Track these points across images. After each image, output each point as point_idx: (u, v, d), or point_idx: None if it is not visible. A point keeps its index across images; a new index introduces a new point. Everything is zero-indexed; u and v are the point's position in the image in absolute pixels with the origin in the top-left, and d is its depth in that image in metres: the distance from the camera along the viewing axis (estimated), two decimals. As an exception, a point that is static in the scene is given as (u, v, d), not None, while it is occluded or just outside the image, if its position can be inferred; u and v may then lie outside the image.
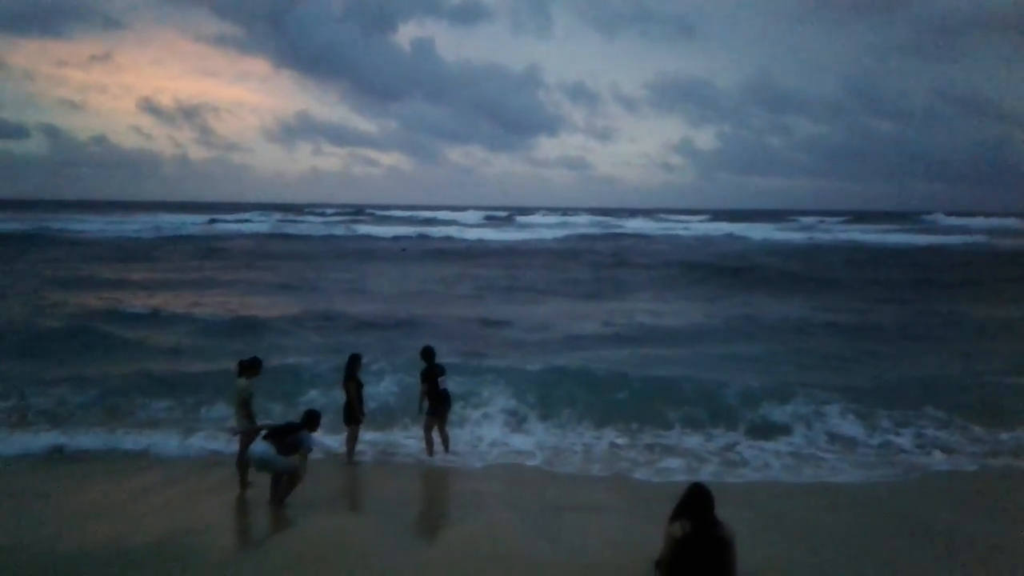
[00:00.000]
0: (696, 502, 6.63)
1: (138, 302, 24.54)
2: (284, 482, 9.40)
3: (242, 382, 10.04)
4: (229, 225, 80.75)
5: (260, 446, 9.32)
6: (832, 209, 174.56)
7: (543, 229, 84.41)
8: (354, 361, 11.42)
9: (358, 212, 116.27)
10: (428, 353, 11.59)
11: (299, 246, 54.51)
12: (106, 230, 67.14)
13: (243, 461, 9.89)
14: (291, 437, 9.38)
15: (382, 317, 22.56)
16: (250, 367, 10.17)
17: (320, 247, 53.93)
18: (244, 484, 9.94)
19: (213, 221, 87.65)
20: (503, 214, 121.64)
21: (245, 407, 9.98)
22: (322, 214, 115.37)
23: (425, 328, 20.55)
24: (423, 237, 66.27)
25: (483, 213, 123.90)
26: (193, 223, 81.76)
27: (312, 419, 9.76)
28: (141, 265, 38.50)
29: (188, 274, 34.24)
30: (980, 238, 68.04)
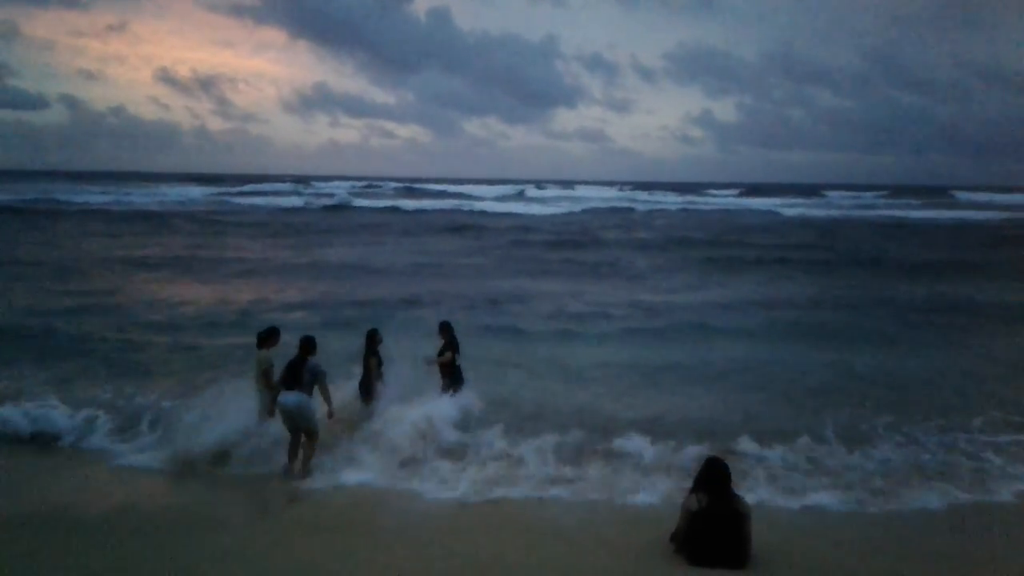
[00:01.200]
0: (713, 476, 6.66)
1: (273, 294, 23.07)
2: (305, 445, 9.48)
3: (262, 353, 10.11)
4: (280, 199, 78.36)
5: (290, 396, 9.41)
6: (857, 183, 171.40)
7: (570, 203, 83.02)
8: (373, 336, 11.46)
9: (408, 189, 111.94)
10: (445, 328, 11.59)
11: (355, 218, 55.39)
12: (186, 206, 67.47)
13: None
14: (302, 370, 9.46)
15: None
16: (268, 338, 10.25)
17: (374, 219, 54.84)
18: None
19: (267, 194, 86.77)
20: (531, 189, 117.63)
21: (266, 378, 10.06)
22: (378, 188, 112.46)
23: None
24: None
25: (511, 187, 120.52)
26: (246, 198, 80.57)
27: (308, 343, 9.78)
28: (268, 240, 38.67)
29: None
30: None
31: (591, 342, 16.65)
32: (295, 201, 73.92)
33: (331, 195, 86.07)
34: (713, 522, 6.53)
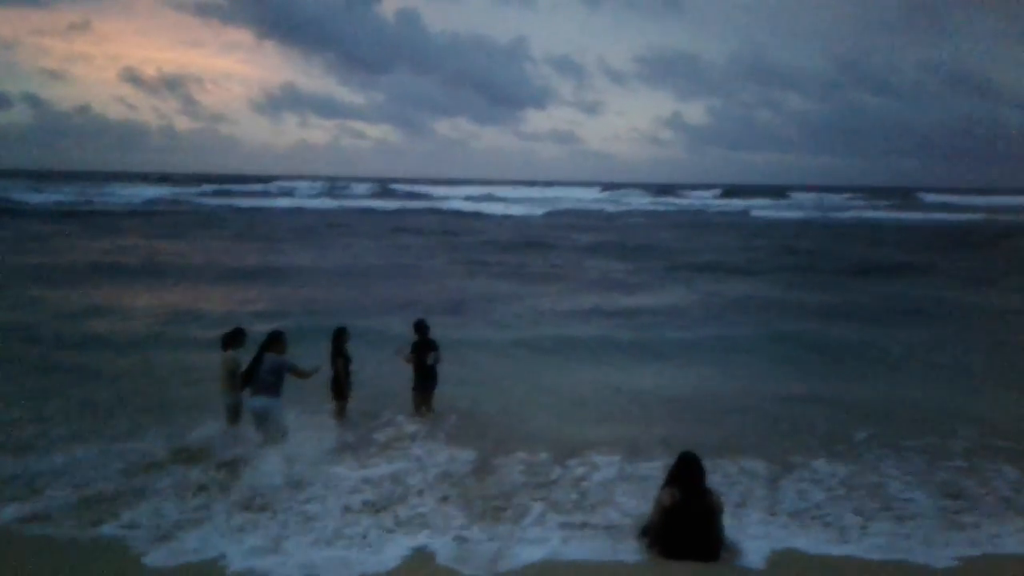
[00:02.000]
0: (686, 471, 6.65)
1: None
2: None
3: (228, 354, 9.93)
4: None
5: (256, 401, 9.27)
6: (828, 185, 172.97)
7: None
8: (340, 335, 11.24)
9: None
10: (420, 325, 11.42)
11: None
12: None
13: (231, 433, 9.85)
14: (259, 369, 9.24)
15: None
16: (233, 339, 10.06)
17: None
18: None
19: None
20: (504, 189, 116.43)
21: (231, 378, 9.87)
22: (343, 189, 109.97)
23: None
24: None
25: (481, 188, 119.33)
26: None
27: (272, 339, 9.54)
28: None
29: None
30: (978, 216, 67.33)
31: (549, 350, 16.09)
32: (263, 202, 73.29)
33: (289, 194, 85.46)
34: (686, 517, 6.53)
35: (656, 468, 8.48)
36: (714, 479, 7.77)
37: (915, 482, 8.56)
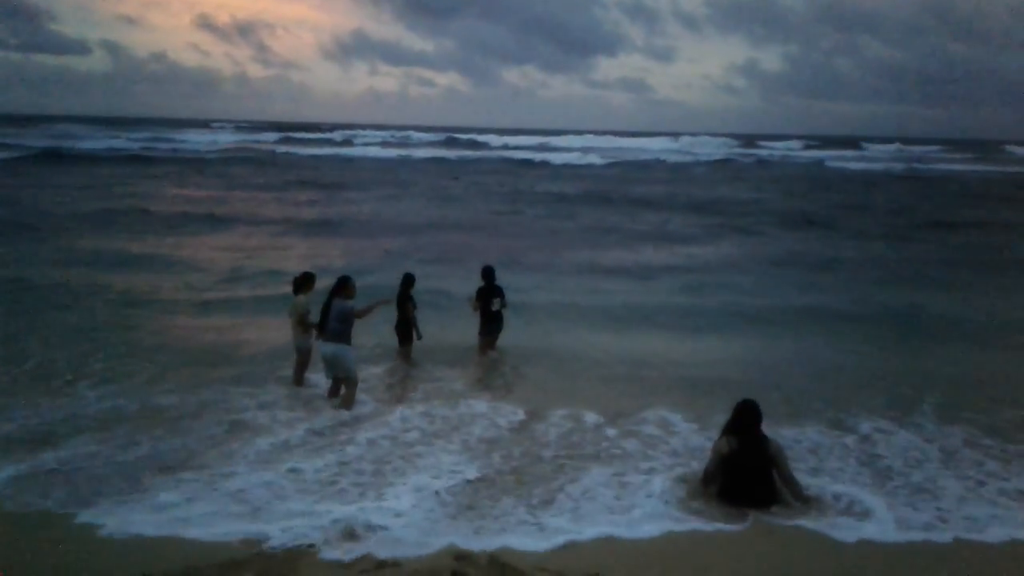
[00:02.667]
0: (743, 419, 6.72)
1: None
2: (344, 392, 9.52)
3: (299, 299, 10.23)
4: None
5: (326, 346, 9.42)
6: (909, 136, 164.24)
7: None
8: (408, 280, 11.54)
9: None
10: (486, 272, 11.60)
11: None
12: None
13: (300, 379, 10.23)
14: (328, 316, 9.37)
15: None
16: (304, 283, 10.34)
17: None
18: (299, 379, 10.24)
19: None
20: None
21: (302, 323, 10.20)
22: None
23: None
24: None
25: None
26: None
27: (339, 285, 9.54)
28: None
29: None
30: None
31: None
32: (324, 150, 73.53)
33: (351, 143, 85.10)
34: (742, 465, 6.61)
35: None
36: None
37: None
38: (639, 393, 9.99)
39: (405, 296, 11.43)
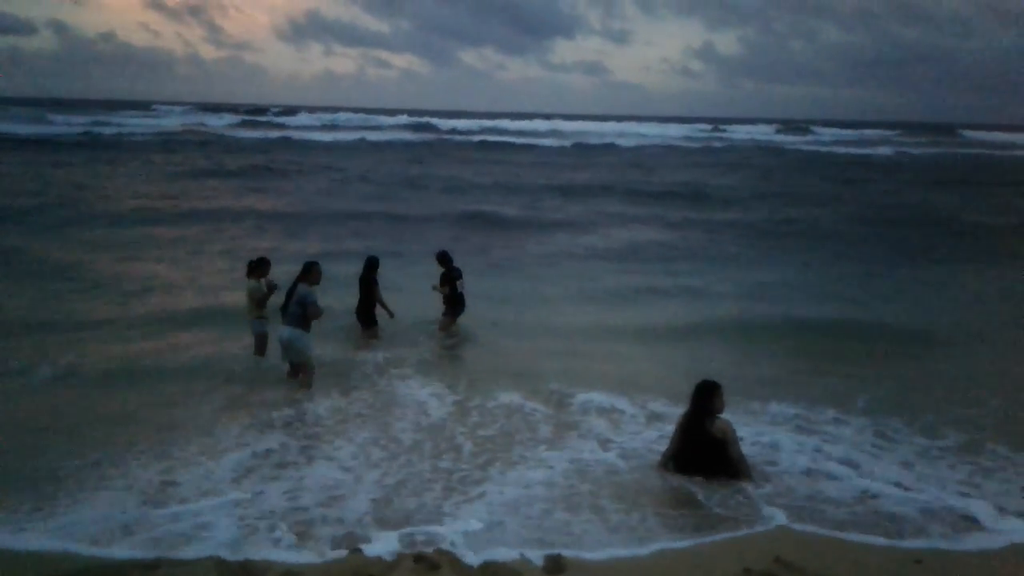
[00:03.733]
0: (696, 394, 7.01)
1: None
2: (301, 375, 9.41)
3: (251, 283, 10.08)
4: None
5: (283, 330, 9.29)
6: (862, 120, 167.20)
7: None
8: (373, 263, 11.64)
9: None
10: (444, 257, 11.75)
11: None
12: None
13: (260, 353, 10.25)
14: (294, 299, 9.21)
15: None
16: (257, 267, 10.16)
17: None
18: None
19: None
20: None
21: (257, 307, 10.05)
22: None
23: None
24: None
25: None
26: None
27: (304, 269, 9.38)
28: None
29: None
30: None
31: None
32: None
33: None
34: (691, 436, 6.95)
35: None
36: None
37: None
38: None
39: (369, 279, 11.48)
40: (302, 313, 9.17)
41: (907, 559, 5.49)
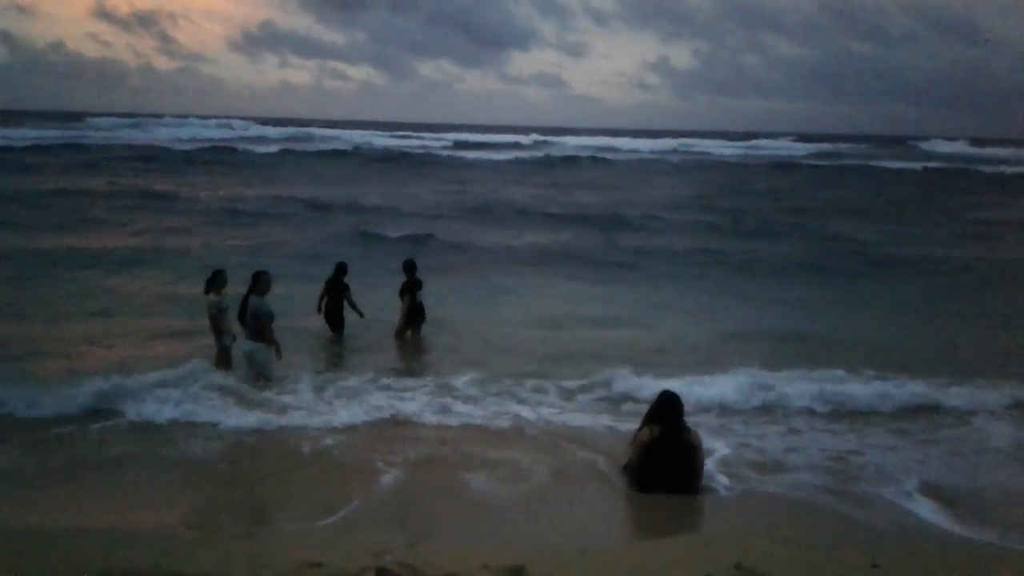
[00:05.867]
0: (666, 408, 6.85)
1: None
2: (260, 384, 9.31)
3: (210, 299, 9.91)
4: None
5: (244, 343, 9.34)
6: (815, 133, 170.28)
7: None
8: (341, 269, 11.96)
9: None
10: (410, 266, 11.83)
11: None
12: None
13: (224, 367, 9.95)
14: (248, 312, 9.18)
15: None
16: (213, 281, 10.00)
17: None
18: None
19: None
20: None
21: (214, 324, 9.88)
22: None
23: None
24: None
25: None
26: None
27: (253, 280, 9.32)
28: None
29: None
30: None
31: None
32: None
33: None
34: (665, 453, 6.71)
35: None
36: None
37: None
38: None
39: (338, 283, 11.77)
40: (257, 326, 9.08)
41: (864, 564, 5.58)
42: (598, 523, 6.45)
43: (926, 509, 6.70)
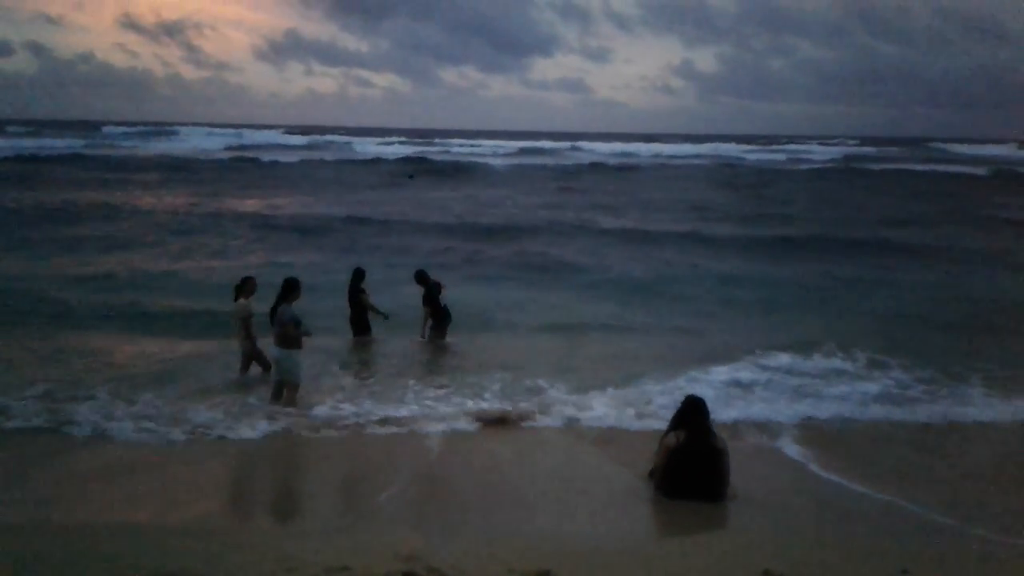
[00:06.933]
0: (692, 413, 6.79)
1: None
2: (286, 393, 9.31)
3: (240, 303, 10.03)
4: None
5: (272, 349, 9.38)
6: (844, 135, 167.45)
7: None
8: (359, 274, 12.04)
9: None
10: (423, 276, 12.05)
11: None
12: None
13: (244, 370, 10.27)
14: (277, 319, 9.21)
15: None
16: (243, 287, 10.11)
17: None
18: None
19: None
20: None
21: (244, 328, 10.00)
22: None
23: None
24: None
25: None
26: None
27: (285, 288, 9.31)
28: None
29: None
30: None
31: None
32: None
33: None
34: (692, 458, 6.66)
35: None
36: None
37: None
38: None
39: (356, 290, 11.89)
40: (284, 333, 9.18)
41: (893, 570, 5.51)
42: (624, 526, 6.45)
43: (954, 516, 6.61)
